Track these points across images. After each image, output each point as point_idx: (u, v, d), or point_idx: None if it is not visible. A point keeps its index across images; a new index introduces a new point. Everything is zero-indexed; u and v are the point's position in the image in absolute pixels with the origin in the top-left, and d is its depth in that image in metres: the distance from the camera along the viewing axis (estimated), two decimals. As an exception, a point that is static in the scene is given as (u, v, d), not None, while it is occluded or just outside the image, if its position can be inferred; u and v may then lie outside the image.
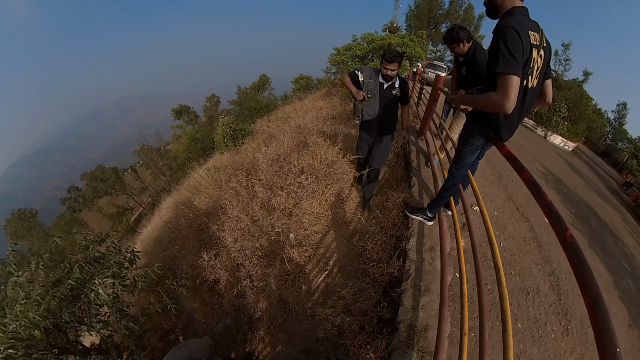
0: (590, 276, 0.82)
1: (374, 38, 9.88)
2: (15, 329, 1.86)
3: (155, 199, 22.44)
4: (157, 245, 5.65)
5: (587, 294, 0.79)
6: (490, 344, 1.89)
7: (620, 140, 29.60)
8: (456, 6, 32.28)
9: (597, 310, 0.75)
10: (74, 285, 2.17)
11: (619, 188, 15.99)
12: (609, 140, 30.39)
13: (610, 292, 4.07)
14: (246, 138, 9.37)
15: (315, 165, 4.31)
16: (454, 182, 2.33)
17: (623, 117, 30.26)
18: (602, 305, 0.75)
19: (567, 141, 17.93)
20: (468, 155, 2.12)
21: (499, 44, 1.43)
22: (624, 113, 30.21)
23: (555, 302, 2.66)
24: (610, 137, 30.46)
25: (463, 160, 2.17)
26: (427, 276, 2.27)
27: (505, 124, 1.78)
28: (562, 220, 1.01)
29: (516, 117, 1.75)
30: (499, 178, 4.85)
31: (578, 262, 0.87)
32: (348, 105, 8.11)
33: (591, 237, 5.61)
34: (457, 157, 2.19)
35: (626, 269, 5.18)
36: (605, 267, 4.69)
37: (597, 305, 0.76)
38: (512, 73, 1.40)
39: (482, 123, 1.87)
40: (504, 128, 1.79)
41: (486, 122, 1.83)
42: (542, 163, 9.88)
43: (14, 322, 1.89)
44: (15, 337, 1.80)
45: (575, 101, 19.43)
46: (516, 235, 3.41)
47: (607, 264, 4.82)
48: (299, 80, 22.89)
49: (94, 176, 31.48)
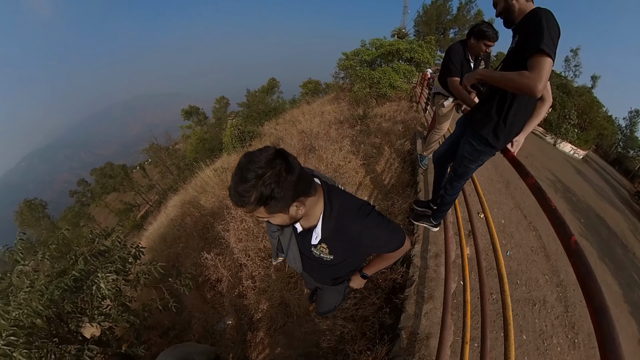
0: (595, 284, 0.79)
1: (382, 43, 9.92)
2: (17, 317, 1.89)
3: (162, 197, 22.72)
4: (162, 242, 5.70)
5: (591, 303, 0.76)
6: (492, 355, 1.86)
7: (632, 148, 29.00)
8: (464, 11, 32.11)
9: (601, 320, 0.72)
10: (77, 276, 2.20)
11: (630, 197, 15.61)
12: (620, 148, 29.72)
13: (620, 306, 3.97)
14: (254, 140, 9.44)
15: (321, 169, 4.32)
16: (456, 195, 2.28)
17: (635, 125, 29.60)
18: (607, 316, 0.72)
19: (577, 149, 17.67)
20: (474, 170, 2.06)
21: (542, 23, 1.30)
22: (635, 120, 29.55)
23: (562, 314, 2.60)
24: (622, 145, 29.79)
25: (468, 176, 2.12)
26: (431, 283, 2.25)
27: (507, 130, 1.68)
28: (567, 226, 0.99)
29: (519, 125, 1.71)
30: (506, 186, 4.78)
31: (583, 270, 0.84)
32: (355, 110, 8.12)
33: (601, 248, 5.49)
34: (463, 173, 2.06)
35: (637, 282, 5.05)
36: (615, 279, 4.58)
37: (602, 315, 0.73)
38: (550, 56, 1.27)
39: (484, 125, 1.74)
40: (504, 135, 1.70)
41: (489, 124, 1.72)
42: (551, 171, 9.72)
43: (17, 310, 1.92)
44: (18, 325, 1.84)
45: (585, 108, 19.13)
46: (523, 244, 3.35)
47: (617, 276, 4.70)
48: (307, 84, 23.04)
49: (103, 172, 32.15)
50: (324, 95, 16.85)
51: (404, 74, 9.28)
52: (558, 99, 19.51)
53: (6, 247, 2.56)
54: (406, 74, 9.32)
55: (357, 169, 4.39)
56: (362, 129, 6.10)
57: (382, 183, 4.20)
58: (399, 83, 8.93)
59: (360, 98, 8.82)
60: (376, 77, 8.71)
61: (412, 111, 7.38)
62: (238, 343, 3.05)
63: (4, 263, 2.28)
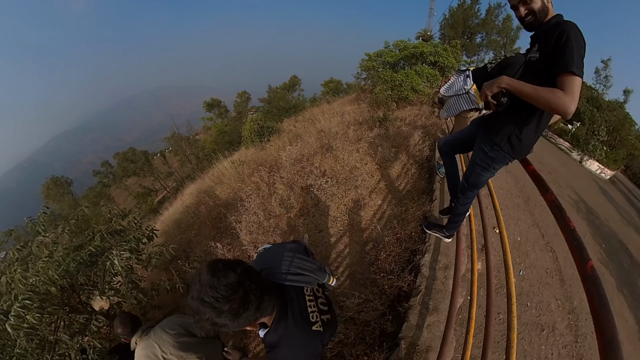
0: (607, 315, 0.74)
1: (406, 45, 9.76)
2: (34, 283, 2.01)
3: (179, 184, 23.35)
4: (175, 228, 5.86)
5: (601, 334, 0.72)
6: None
7: (665, 172, 27.24)
8: (493, 16, 31.03)
9: (610, 354, 0.67)
10: (93, 251, 2.31)
11: (658, 226, 14.73)
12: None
13: (634, 342, 3.75)
14: (272, 136, 9.53)
15: (336, 169, 4.31)
16: (468, 205, 2.22)
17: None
18: (617, 351, 0.67)
19: (604, 168, 16.75)
20: (487, 178, 1.99)
21: (571, 42, 1.28)
22: None
23: (571, 343, 2.48)
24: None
25: (481, 185, 2.06)
26: (437, 295, 2.21)
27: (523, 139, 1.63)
28: (585, 249, 0.95)
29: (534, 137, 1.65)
30: (526, 201, 4.62)
31: (597, 298, 0.79)
32: (375, 112, 8.05)
33: (620, 277, 5.21)
34: (475, 181, 2.00)
35: (656, 319, 4.76)
36: (633, 313, 4.33)
37: (611, 350, 0.68)
38: (581, 76, 1.27)
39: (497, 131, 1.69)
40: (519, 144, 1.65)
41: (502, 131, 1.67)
42: (575, 190, 9.31)
43: (34, 277, 2.05)
44: (33, 291, 1.96)
45: (616, 124, 18.08)
46: (538, 265, 3.23)
47: (636, 310, 4.45)
48: (328, 84, 23.01)
49: (125, 157, 33.41)
50: (345, 96, 16.77)
51: (427, 78, 9.11)
52: (587, 113, 18.55)
53: (29, 218, 2.71)
54: (429, 78, 9.14)
55: (373, 172, 4.35)
56: (380, 132, 6.05)
57: (397, 188, 4.15)
58: (421, 87, 8.76)
59: (381, 100, 8.72)
60: (398, 80, 8.58)
61: (433, 117, 7.24)
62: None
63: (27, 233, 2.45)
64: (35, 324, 1.85)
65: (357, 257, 3.18)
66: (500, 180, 4.70)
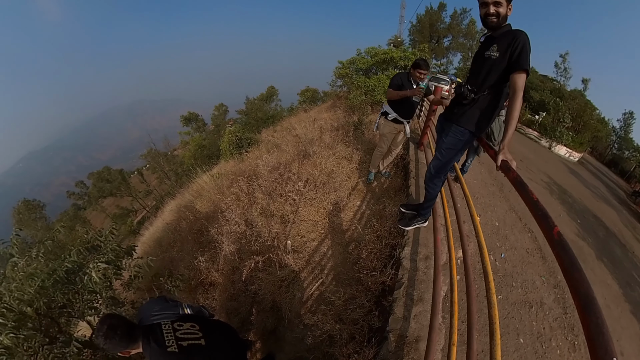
0: (579, 275, 0.74)
1: (377, 52, 10.02)
2: (8, 301, 1.88)
3: (159, 202, 22.62)
4: (157, 247, 5.66)
5: (577, 296, 0.71)
6: (479, 357, 1.83)
7: (627, 149, 29.16)
8: (457, 20, 32.55)
9: (589, 313, 0.66)
10: (69, 268, 2.17)
11: (627, 197, 15.67)
12: (615, 149, 29.92)
13: (620, 305, 3.93)
14: (251, 147, 9.44)
15: (314, 174, 4.32)
16: (438, 191, 2.37)
17: (629, 126, 29.65)
18: (594, 308, 0.66)
19: (572, 152, 17.78)
20: (453, 162, 2.19)
21: (527, 47, 1.62)
22: (629, 122, 29.64)
23: (561, 315, 2.56)
24: (617, 147, 30.01)
25: (448, 169, 2.22)
26: (420, 285, 2.23)
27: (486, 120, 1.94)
28: (549, 217, 0.98)
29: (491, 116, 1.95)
30: (500, 189, 4.79)
31: (566, 260, 0.80)
32: (350, 117, 8.19)
33: (599, 248, 5.47)
34: (444, 166, 2.18)
35: (637, 281, 5.02)
36: (615, 278, 4.55)
37: (589, 308, 0.66)
38: (529, 73, 1.63)
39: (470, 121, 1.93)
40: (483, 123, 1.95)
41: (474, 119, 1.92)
42: (547, 174, 9.76)
43: (8, 294, 1.93)
44: (7, 308, 1.84)
45: (579, 111, 19.42)
46: (518, 246, 3.34)
47: (617, 275, 4.68)
48: (305, 93, 23.23)
49: (100, 176, 31.93)
50: (322, 103, 16.93)
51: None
52: (552, 103, 19.76)
53: (1, 241, 2.52)
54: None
55: (350, 174, 4.39)
56: (356, 135, 6.13)
57: (375, 188, 4.20)
58: (393, 90, 8.96)
59: (356, 105, 8.86)
60: (371, 85, 8.78)
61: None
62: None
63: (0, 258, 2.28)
64: (10, 345, 1.72)
65: (340, 258, 3.18)
66: (475, 171, 4.87)
